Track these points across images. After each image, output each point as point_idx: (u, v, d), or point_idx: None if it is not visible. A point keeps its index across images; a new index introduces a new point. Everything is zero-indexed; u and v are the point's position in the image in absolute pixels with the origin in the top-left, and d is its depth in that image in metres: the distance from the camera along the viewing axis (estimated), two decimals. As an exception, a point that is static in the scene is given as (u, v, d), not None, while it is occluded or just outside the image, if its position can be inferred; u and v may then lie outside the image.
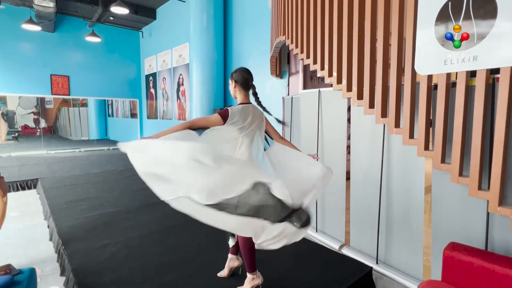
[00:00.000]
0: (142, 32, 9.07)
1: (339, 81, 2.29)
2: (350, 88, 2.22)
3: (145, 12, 7.92)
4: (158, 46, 8.25)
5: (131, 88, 9.35)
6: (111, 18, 7.99)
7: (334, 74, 2.31)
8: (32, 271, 1.69)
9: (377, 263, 2.41)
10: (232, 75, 1.86)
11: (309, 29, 2.59)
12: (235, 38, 5.58)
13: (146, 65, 9.05)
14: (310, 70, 2.62)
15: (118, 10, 6.01)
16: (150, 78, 8.86)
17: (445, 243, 1.87)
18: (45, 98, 9.97)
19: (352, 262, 2.38)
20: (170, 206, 1.56)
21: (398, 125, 1.94)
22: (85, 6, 7.11)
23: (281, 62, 4.35)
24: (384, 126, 2.33)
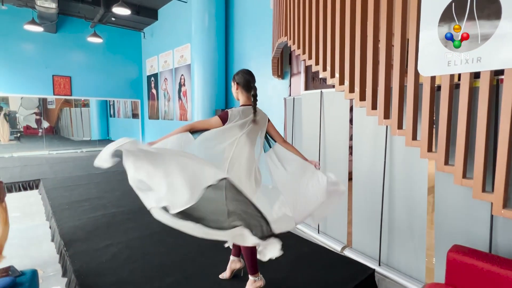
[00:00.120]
0: (144, 32, 9.08)
1: (342, 82, 2.28)
2: (352, 89, 2.21)
3: (146, 12, 7.93)
4: (160, 46, 8.26)
5: (133, 88, 9.36)
6: (113, 19, 8.00)
7: (337, 75, 2.30)
8: (34, 273, 1.69)
9: (379, 265, 2.40)
10: (234, 77, 1.86)
11: (311, 30, 2.59)
12: (237, 39, 5.58)
13: (148, 65, 9.06)
14: (312, 71, 2.62)
15: (120, 10, 6.02)
16: (152, 78, 8.87)
17: (448, 245, 1.86)
18: (47, 98, 10.00)
19: (354, 264, 2.37)
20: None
21: (401, 126, 1.93)
22: (87, 7, 7.13)
23: (282, 63, 4.35)
24: (386, 127, 2.32)
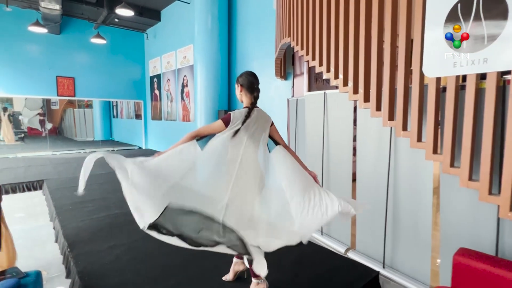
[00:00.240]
0: (147, 33, 9.11)
1: (345, 83, 2.27)
2: (356, 90, 2.19)
3: (149, 14, 7.96)
4: (163, 47, 8.28)
5: (136, 89, 9.40)
6: (116, 20, 8.04)
7: (340, 76, 2.29)
8: (38, 274, 1.69)
9: (383, 268, 2.38)
10: (238, 79, 1.86)
11: (314, 30, 2.58)
12: (239, 40, 5.58)
13: (151, 66, 9.08)
14: (316, 72, 2.61)
15: (123, 12, 6.04)
16: (155, 79, 8.89)
17: (453, 248, 1.84)
18: (50, 99, 10.06)
19: (358, 266, 2.35)
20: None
21: (405, 128, 1.92)
22: (90, 8, 7.16)
23: (285, 64, 4.34)
24: (391, 128, 2.30)
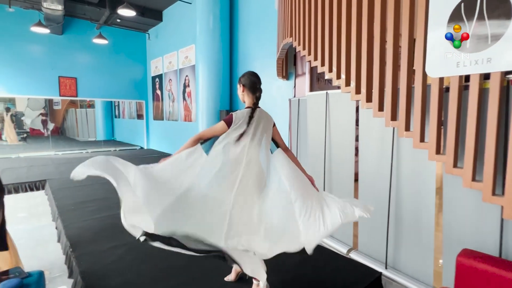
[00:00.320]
0: (149, 34, 9.13)
1: (348, 83, 2.26)
2: (358, 90, 2.19)
3: (151, 14, 7.97)
4: (164, 47, 8.29)
5: (138, 89, 9.42)
6: (118, 20, 8.06)
7: (343, 76, 2.29)
8: (40, 274, 1.70)
9: (386, 268, 2.37)
10: (240, 80, 1.86)
11: (316, 30, 2.57)
12: (241, 40, 5.58)
13: (153, 66, 9.10)
14: (318, 72, 2.60)
15: (125, 12, 6.05)
16: (156, 79, 8.91)
17: (456, 249, 1.83)
18: (53, 99, 10.10)
19: (360, 267, 2.34)
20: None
21: (408, 128, 1.91)
22: (92, 9, 7.18)
23: (287, 64, 4.33)
24: (393, 129, 2.30)
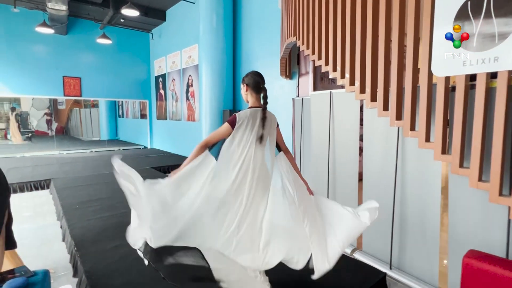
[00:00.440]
0: (152, 33, 9.15)
1: (352, 82, 2.25)
2: (363, 90, 2.17)
3: (155, 13, 7.99)
4: (168, 47, 8.31)
5: (141, 89, 9.45)
6: (122, 20, 8.09)
7: (347, 75, 2.27)
8: (46, 273, 1.70)
9: (390, 269, 2.35)
10: (243, 79, 1.85)
11: (320, 29, 2.56)
12: (244, 39, 5.57)
13: (156, 66, 9.13)
14: (322, 71, 2.59)
15: (129, 12, 6.07)
16: (160, 79, 8.93)
17: (462, 249, 1.82)
18: (57, 99, 10.17)
19: (365, 267, 2.33)
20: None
21: (413, 128, 1.89)
22: (96, 9, 7.22)
23: (291, 63, 4.32)
24: (398, 128, 2.28)
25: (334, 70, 2.41)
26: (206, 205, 1.67)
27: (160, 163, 6.71)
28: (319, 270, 1.68)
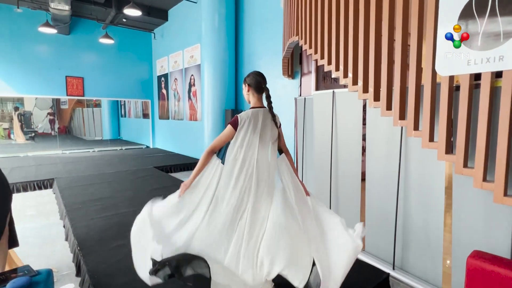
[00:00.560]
0: (154, 33, 9.17)
1: (355, 82, 2.24)
2: (366, 89, 2.16)
3: (157, 13, 8.01)
4: (170, 47, 8.32)
5: (143, 88, 9.47)
6: (124, 20, 8.11)
7: (350, 75, 2.26)
8: (49, 272, 1.71)
9: (393, 269, 2.34)
10: (245, 80, 1.84)
11: (323, 29, 2.55)
12: (246, 39, 5.57)
13: (158, 66, 9.14)
14: (325, 71, 2.58)
15: (131, 12, 6.09)
16: (162, 79, 8.95)
17: (466, 250, 1.81)
18: (60, 99, 10.21)
19: (367, 268, 2.32)
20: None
21: (417, 127, 1.88)
22: (99, 9, 7.24)
23: (293, 63, 4.31)
24: (401, 128, 2.27)
25: (337, 69, 2.40)
26: (214, 217, 1.69)
27: (162, 163, 6.73)
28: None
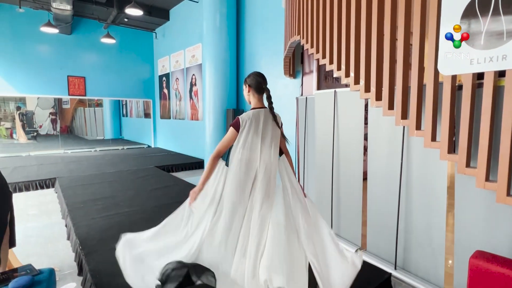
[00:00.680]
0: (156, 33, 9.17)
1: (357, 81, 2.23)
2: (368, 89, 2.15)
3: (158, 13, 8.01)
4: (171, 46, 8.33)
5: (145, 88, 9.49)
6: (126, 20, 8.12)
7: (352, 74, 2.25)
8: (51, 272, 1.72)
9: (395, 269, 2.34)
10: (245, 80, 1.84)
11: (325, 28, 2.54)
12: (248, 38, 5.56)
13: (160, 65, 9.15)
14: (326, 70, 2.57)
15: (133, 11, 6.09)
16: (163, 78, 8.96)
17: (469, 250, 1.80)
18: (62, 98, 10.24)
19: (369, 268, 2.31)
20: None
21: (419, 127, 1.87)
22: (100, 8, 7.25)
23: (294, 62, 4.30)
24: (403, 127, 2.26)
25: (339, 68, 2.39)
26: (219, 225, 1.69)
27: (163, 162, 6.74)
28: None
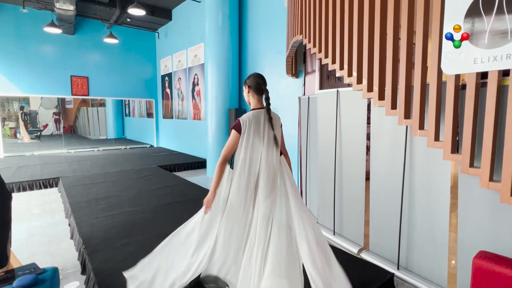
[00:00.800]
0: (158, 33, 9.19)
1: (359, 81, 2.22)
2: (371, 88, 2.15)
3: (161, 13, 8.03)
4: (174, 46, 8.35)
5: (148, 88, 9.52)
6: (128, 20, 8.15)
7: (354, 73, 2.25)
8: (55, 271, 1.73)
9: (398, 269, 2.33)
10: (245, 81, 1.86)
11: (327, 27, 2.53)
12: (250, 38, 5.56)
13: (162, 65, 9.17)
14: (329, 69, 2.56)
15: (135, 11, 6.11)
16: (166, 78, 8.98)
17: (472, 250, 1.79)
18: (65, 98, 10.30)
19: (372, 268, 2.31)
20: (187, 206, 1.58)
21: (422, 126, 1.87)
22: (103, 8, 7.28)
23: (297, 62, 4.30)
24: (406, 127, 2.25)
25: (341, 68, 2.39)
26: (227, 230, 1.71)
27: (166, 162, 6.76)
28: None
